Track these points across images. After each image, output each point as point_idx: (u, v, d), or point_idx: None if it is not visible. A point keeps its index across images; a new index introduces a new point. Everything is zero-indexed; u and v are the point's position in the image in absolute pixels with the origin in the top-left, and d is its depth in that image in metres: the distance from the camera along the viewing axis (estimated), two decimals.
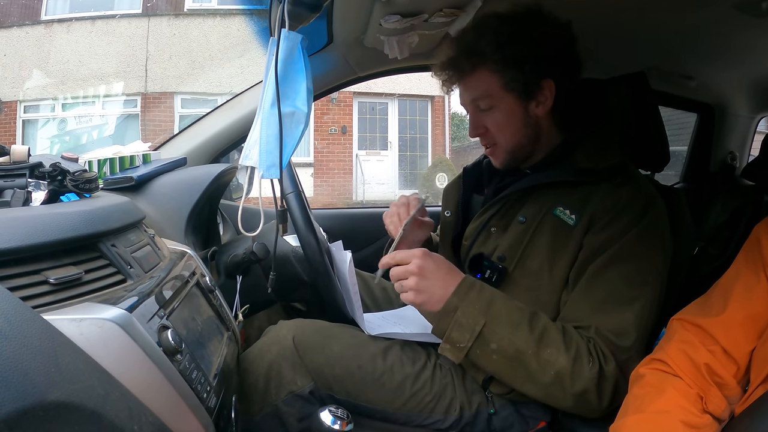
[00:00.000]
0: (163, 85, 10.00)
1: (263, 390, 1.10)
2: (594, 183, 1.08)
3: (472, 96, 1.15)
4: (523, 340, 0.99)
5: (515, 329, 0.99)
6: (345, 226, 2.06)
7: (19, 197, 0.87)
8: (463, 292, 1.03)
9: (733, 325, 0.81)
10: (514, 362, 1.00)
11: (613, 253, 1.02)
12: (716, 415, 0.79)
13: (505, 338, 0.99)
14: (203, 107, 9.59)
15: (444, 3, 1.24)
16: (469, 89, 1.15)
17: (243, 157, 1.00)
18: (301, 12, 0.97)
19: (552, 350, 0.98)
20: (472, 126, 1.19)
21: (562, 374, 0.97)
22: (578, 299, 1.04)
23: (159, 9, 9.97)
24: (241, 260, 1.31)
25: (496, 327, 1.00)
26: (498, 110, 1.13)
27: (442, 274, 1.05)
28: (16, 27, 9.63)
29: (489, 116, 1.15)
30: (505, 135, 1.15)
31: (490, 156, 1.22)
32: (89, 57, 9.53)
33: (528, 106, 1.13)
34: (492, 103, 1.13)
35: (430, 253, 1.07)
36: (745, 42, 1.47)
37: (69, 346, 0.54)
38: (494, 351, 1.00)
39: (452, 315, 1.02)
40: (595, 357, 0.98)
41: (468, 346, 1.01)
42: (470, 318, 1.01)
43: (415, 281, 1.03)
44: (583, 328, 1.01)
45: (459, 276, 1.06)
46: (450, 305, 1.02)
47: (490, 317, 1.01)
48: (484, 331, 1.00)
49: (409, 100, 11.90)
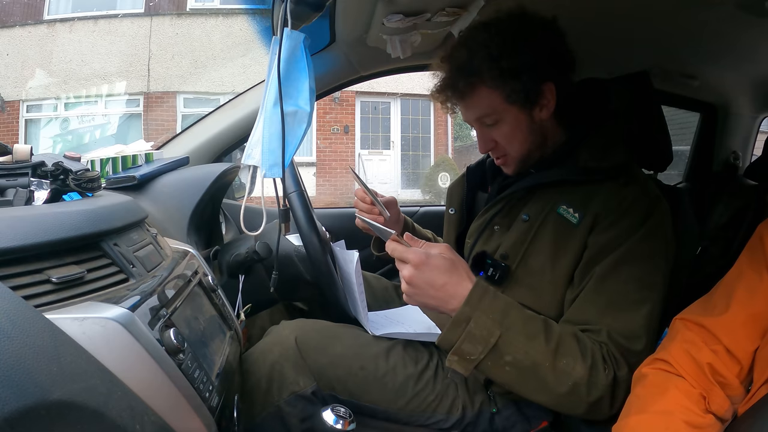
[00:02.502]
0: (165, 84, 10.00)
1: (265, 390, 1.10)
2: (598, 182, 1.08)
3: (476, 115, 1.13)
4: (540, 351, 0.93)
5: (531, 340, 0.93)
6: (347, 226, 2.05)
7: (21, 196, 0.87)
8: (476, 300, 0.94)
9: (736, 324, 0.81)
10: (529, 374, 0.93)
11: (621, 255, 1.00)
12: (719, 415, 0.79)
13: (521, 350, 0.92)
14: (206, 107, 9.60)
15: (446, 2, 1.24)
16: (472, 108, 1.13)
17: (245, 156, 1.00)
18: (304, 11, 0.97)
19: (568, 360, 0.93)
20: (482, 142, 1.17)
21: (578, 384, 0.93)
22: (587, 300, 1.01)
23: (161, 8, 9.97)
24: (243, 259, 1.31)
25: (511, 338, 0.93)
26: (504, 123, 1.12)
27: (437, 287, 0.94)
28: (19, 26, 9.64)
29: (496, 130, 1.13)
30: (514, 145, 1.14)
31: (502, 166, 1.21)
32: (92, 56, 9.54)
33: (532, 112, 1.11)
34: (497, 117, 1.11)
35: (427, 262, 0.95)
36: (749, 41, 1.46)
37: (71, 345, 0.54)
38: (508, 363, 0.93)
39: (464, 326, 0.93)
40: (609, 363, 0.95)
41: (480, 358, 0.93)
42: (484, 329, 0.92)
43: (405, 287, 0.96)
44: (594, 332, 0.97)
45: (466, 280, 0.96)
46: (462, 316, 0.93)
47: (505, 328, 0.93)
48: (498, 343, 0.92)
49: (412, 100, 11.88)
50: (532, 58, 1.06)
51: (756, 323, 0.79)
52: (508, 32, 1.07)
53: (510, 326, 0.93)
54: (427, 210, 2.29)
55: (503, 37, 1.06)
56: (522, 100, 1.09)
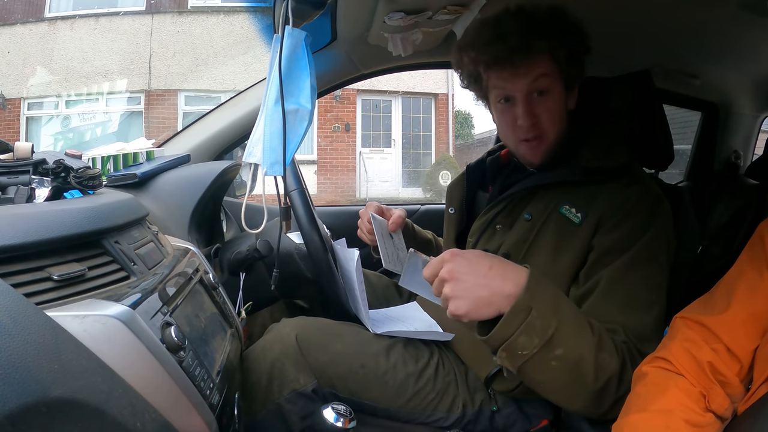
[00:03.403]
0: (166, 82, 10.01)
1: (266, 388, 1.10)
2: (600, 182, 1.08)
3: (533, 75, 1.07)
4: (587, 344, 0.88)
5: (581, 332, 0.89)
6: (348, 224, 2.05)
7: (22, 194, 0.87)
8: (534, 285, 0.85)
9: (736, 323, 0.81)
10: (572, 369, 0.88)
11: (628, 257, 1.00)
12: (719, 413, 0.79)
13: (572, 343, 0.87)
14: (207, 104, 9.61)
15: (448, 0, 1.24)
16: (533, 68, 1.07)
17: (246, 154, 1.00)
18: (305, 9, 0.97)
19: (605, 355, 0.89)
20: (528, 113, 1.09)
21: (612, 379, 0.90)
22: (597, 303, 0.99)
23: (162, 6, 9.98)
24: (244, 257, 1.32)
25: (565, 330, 0.86)
26: (552, 97, 1.10)
27: (484, 270, 0.87)
28: (20, 24, 9.65)
29: (543, 103, 1.10)
30: (554, 124, 1.11)
31: (530, 151, 1.14)
32: (93, 54, 9.54)
33: (568, 98, 1.13)
34: (548, 88, 1.09)
35: (461, 252, 0.90)
36: (751, 40, 1.46)
37: (72, 342, 0.54)
38: (557, 357, 0.86)
39: (524, 316, 0.84)
40: (633, 361, 0.92)
41: (532, 353, 0.85)
42: (545, 319, 0.85)
43: (450, 288, 0.86)
44: (612, 331, 0.95)
45: (517, 268, 0.89)
46: (521, 304, 0.84)
47: (560, 318, 0.87)
48: (554, 335, 0.85)
49: (413, 98, 11.88)
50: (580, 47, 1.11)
51: (756, 322, 0.79)
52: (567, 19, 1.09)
53: (563, 317, 0.88)
54: (428, 208, 2.29)
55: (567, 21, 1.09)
56: (567, 81, 1.12)
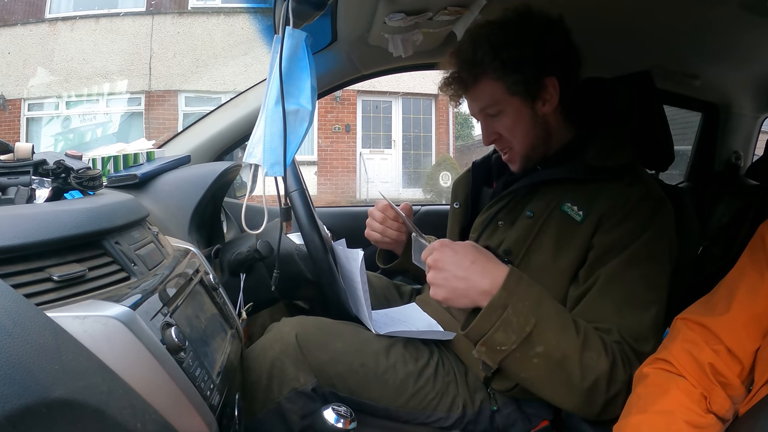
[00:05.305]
0: (167, 83, 10.01)
1: (266, 387, 1.10)
2: (603, 181, 1.08)
3: (479, 106, 1.17)
4: (571, 343, 0.91)
5: (563, 331, 0.92)
6: (348, 225, 2.06)
7: (22, 194, 0.87)
8: (513, 285, 0.92)
9: (737, 324, 0.81)
10: (556, 367, 0.91)
11: (628, 256, 1.00)
12: (720, 415, 0.79)
13: (553, 341, 0.91)
14: (207, 105, 9.61)
15: (448, 1, 1.24)
16: (476, 99, 1.17)
17: (247, 155, 1.00)
18: (306, 10, 0.97)
19: (593, 354, 0.92)
20: (485, 134, 1.20)
21: (600, 379, 0.91)
22: (594, 301, 1.00)
23: (163, 7, 9.99)
24: (244, 258, 1.32)
25: (545, 328, 0.91)
26: (506, 115, 1.15)
27: (466, 264, 0.95)
28: (20, 25, 9.66)
29: (499, 122, 1.16)
30: (517, 137, 1.16)
31: (508, 162, 1.23)
32: (93, 55, 9.55)
33: (534, 106, 1.14)
34: (499, 108, 1.14)
35: (450, 243, 0.98)
36: (751, 41, 1.46)
37: (72, 343, 0.54)
38: (538, 355, 0.91)
39: (499, 313, 0.90)
40: (626, 361, 0.94)
41: (510, 349, 0.91)
42: (521, 317, 0.90)
43: (432, 275, 0.97)
44: (604, 331, 0.97)
45: (499, 266, 0.96)
46: (497, 302, 0.91)
47: (539, 317, 0.91)
48: (533, 333, 0.90)
49: (413, 99, 11.89)
50: (533, 51, 1.09)
51: (757, 323, 0.79)
52: (510, 27, 1.11)
53: (544, 315, 0.92)
54: (429, 209, 2.29)
55: (506, 31, 1.11)
56: (523, 92, 1.12)
